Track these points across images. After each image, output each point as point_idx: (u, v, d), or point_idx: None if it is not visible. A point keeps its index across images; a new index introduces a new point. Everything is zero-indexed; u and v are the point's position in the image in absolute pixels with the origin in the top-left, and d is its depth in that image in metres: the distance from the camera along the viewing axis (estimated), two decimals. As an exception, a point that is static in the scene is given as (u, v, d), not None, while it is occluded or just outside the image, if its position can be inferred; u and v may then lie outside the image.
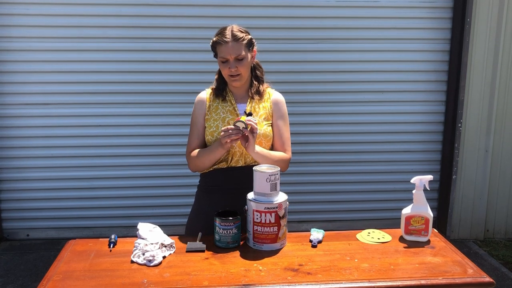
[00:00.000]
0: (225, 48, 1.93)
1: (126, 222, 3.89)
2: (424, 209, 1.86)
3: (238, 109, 2.04)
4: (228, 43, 1.93)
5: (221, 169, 2.03)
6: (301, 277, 1.57)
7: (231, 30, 1.96)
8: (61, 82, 3.72)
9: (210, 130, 2.01)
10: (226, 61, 1.96)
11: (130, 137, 3.84)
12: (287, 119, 2.12)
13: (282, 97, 2.14)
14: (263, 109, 2.06)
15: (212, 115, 2.04)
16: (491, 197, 4.04)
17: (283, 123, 2.09)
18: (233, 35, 1.94)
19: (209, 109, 2.05)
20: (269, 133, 2.04)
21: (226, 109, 2.03)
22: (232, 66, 1.95)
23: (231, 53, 1.93)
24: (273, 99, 2.11)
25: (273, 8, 3.75)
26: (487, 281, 1.57)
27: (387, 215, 4.05)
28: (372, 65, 3.90)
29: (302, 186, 4.00)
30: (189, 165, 2.09)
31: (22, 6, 3.58)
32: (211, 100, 2.07)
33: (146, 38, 3.70)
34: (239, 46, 1.94)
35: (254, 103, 2.05)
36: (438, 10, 3.86)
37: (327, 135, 3.97)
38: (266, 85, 2.14)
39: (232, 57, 1.94)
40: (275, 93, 2.14)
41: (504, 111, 3.90)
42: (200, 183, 2.14)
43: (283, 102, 2.12)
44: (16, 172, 3.81)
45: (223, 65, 1.97)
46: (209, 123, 2.03)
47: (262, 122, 2.03)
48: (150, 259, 1.66)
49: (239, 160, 2.01)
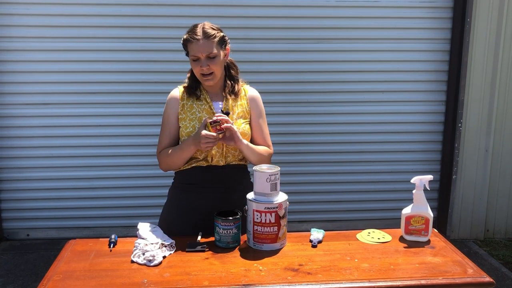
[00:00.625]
0: (196, 46, 1.88)
1: (126, 222, 3.89)
2: (424, 209, 1.86)
3: (214, 108, 1.99)
4: (199, 41, 1.88)
5: (201, 167, 1.99)
6: (301, 277, 1.57)
7: (202, 28, 1.91)
8: (61, 82, 3.71)
9: (186, 131, 1.96)
10: (197, 59, 1.91)
11: (130, 137, 3.84)
12: (265, 115, 2.11)
13: (257, 93, 2.11)
14: (240, 107, 2.03)
15: (187, 114, 1.99)
16: (491, 197, 4.04)
17: (262, 120, 2.08)
18: (204, 33, 1.89)
19: (183, 108, 2.00)
20: (247, 131, 2.01)
21: (202, 108, 1.98)
22: (204, 65, 1.90)
23: (202, 51, 1.88)
24: (249, 96, 2.07)
25: (273, 8, 3.75)
26: (487, 281, 1.57)
27: (387, 215, 4.05)
28: (372, 65, 3.90)
29: (302, 186, 4.00)
30: (160, 164, 2.05)
31: (22, 6, 3.58)
32: (184, 99, 2.01)
33: (146, 38, 3.70)
34: (210, 43, 1.89)
35: (230, 101, 2.01)
36: (438, 10, 3.86)
37: (327, 135, 3.97)
38: (241, 82, 2.10)
39: (204, 55, 1.89)
40: (250, 89, 2.11)
41: (504, 111, 3.90)
42: (175, 180, 2.09)
43: (259, 98, 2.10)
44: (16, 172, 3.81)
45: (195, 64, 1.92)
46: (184, 122, 1.98)
47: (239, 120, 2.00)
48: (150, 259, 1.66)
49: (219, 160, 1.99)
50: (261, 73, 3.80)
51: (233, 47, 3.72)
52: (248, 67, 3.81)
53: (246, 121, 2.03)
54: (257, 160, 2.00)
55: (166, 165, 2.02)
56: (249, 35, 3.76)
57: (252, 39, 3.77)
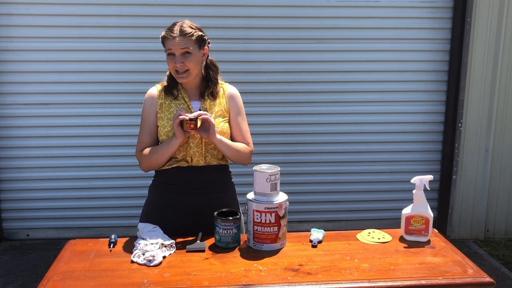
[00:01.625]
0: (172, 42, 1.88)
1: (126, 222, 3.89)
2: (424, 209, 1.86)
3: (192, 107, 1.99)
4: (175, 38, 1.88)
5: (181, 167, 1.98)
6: (301, 277, 1.57)
7: (180, 26, 1.91)
8: (61, 82, 3.71)
9: (164, 130, 1.96)
10: (172, 55, 1.90)
11: (130, 137, 3.83)
12: (244, 112, 2.10)
13: (236, 90, 2.10)
14: (218, 105, 2.02)
15: (165, 113, 1.98)
16: (491, 197, 4.04)
17: (241, 118, 2.07)
18: (181, 30, 1.89)
19: (161, 107, 1.99)
20: (226, 129, 2.00)
21: (180, 107, 1.97)
22: (178, 61, 1.89)
23: (177, 47, 1.88)
24: (228, 94, 2.06)
25: (273, 8, 3.75)
26: (487, 281, 1.57)
27: (387, 215, 4.05)
28: (372, 65, 3.90)
29: (302, 186, 4.00)
30: (140, 164, 2.04)
31: (22, 6, 3.58)
32: (162, 98, 2.01)
33: (146, 38, 3.70)
34: (187, 41, 1.89)
35: (209, 101, 2.01)
36: (438, 10, 3.86)
37: (327, 135, 3.97)
38: (220, 81, 2.08)
39: (178, 52, 1.89)
40: (229, 87, 2.09)
41: (504, 111, 3.90)
42: (155, 179, 2.08)
43: (238, 96, 2.08)
44: (16, 172, 3.81)
45: (170, 59, 1.91)
46: (162, 122, 1.97)
47: (218, 119, 1.99)
48: (150, 259, 1.66)
49: (199, 160, 1.98)
50: (261, 73, 3.80)
51: (233, 47, 3.76)
52: (248, 67, 3.81)
53: (225, 120, 2.02)
54: (233, 156, 1.99)
55: (148, 164, 2.01)
56: (249, 35, 3.76)
57: (252, 39, 3.76)
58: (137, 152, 2.04)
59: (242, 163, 2.06)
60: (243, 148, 2.04)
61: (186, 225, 1.96)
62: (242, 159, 2.03)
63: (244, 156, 2.03)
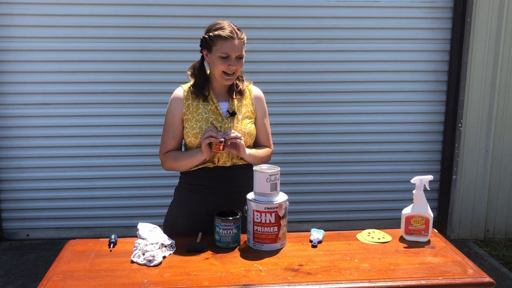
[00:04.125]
0: (231, 44, 1.87)
1: (126, 222, 3.89)
2: (424, 209, 1.86)
3: (220, 108, 1.97)
4: (234, 40, 1.87)
5: (207, 168, 1.97)
6: (301, 277, 1.57)
7: (235, 28, 1.91)
8: (61, 82, 3.71)
9: (193, 132, 1.94)
10: (226, 57, 1.89)
11: (130, 137, 3.84)
12: (267, 114, 2.13)
13: (261, 92, 2.12)
14: (245, 107, 2.02)
15: (193, 115, 1.95)
16: (491, 197, 4.04)
17: (266, 120, 2.10)
18: (237, 33, 1.89)
19: (188, 108, 1.97)
20: (253, 131, 2.02)
21: (208, 109, 1.96)
22: (233, 64, 1.89)
23: (236, 50, 1.88)
24: (254, 95, 2.07)
25: (273, 8, 3.75)
26: (487, 281, 1.57)
27: (387, 215, 4.05)
28: (372, 65, 3.90)
29: (302, 186, 4.00)
30: (163, 165, 2.04)
31: (22, 6, 3.58)
32: (189, 99, 1.98)
33: (146, 38, 3.70)
34: (242, 44, 1.91)
35: (236, 102, 2.00)
36: (438, 10, 3.86)
37: (327, 135, 3.97)
38: (245, 82, 2.09)
39: (236, 55, 1.89)
40: (254, 88, 2.11)
41: (504, 111, 3.90)
42: (181, 180, 2.08)
43: (263, 98, 2.11)
44: (16, 172, 3.81)
45: (222, 61, 1.89)
46: (190, 123, 1.95)
47: (246, 120, 2.00)
48: (150, 259, 1.66)
49: (226, 161, 1.98)
50: (261, 73, 3.80)
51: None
52: (248, 67, 3.76)
53: (251, 121, 2.03)
54: (257, 163, 2.02)
55: (171, 167, 2.01)
56: (249, 35, 3.69)
57: (252, 39, 3.72)
58: (161, 154, 2.03)
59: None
60: (266, 152, 2.08)
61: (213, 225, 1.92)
62: (264, 162, 2.07)
63: (266, 160, 2.09)
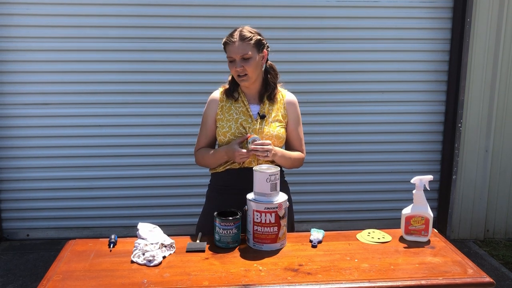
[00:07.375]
0: (232, 47, 1.97)
1: (126, 222, 3.89)
2: (424, 209, 1.86)
3: (251, 110, 2.06)
4: (234, 43, 1.97)
5: (233, 169, 2.05)
6: (301, 277, 1.57)
7: (240, 31, 1.99)
8: (61, 82, 3.71)
9: (223, 130, 2.04)
10: (233, 61, 1.99)
11: (130, 137, 3.84)
12: (301, 120, 2.19)
13: (295, 98, 2.18)
14: (276, 110, 2.09)
15: (225, 115, 2.06)
16: (491, 197, 4.04)
17: (299, 126, 2.17)
18: (240, 35, 1.97)
19: (222, 109, 2.08)
20: (282, 134, 2.07)
21: (239, 110, 2.05)
22: (238, 66, 1.98)
23: (237, 52, 1.97)
24: (287, 100, 2.14)
25: (273, 8, 3.75)
26: (487, 281, 1.57)
27: (387, 215, 4.05)
28: (372, 65, 3.90)
29: (302, 186, 4.00)
30: (196, 161, 2.16)
31: (22, 6, 3.58)
32: (223, 100, 2.09)
33: (146, 38, 3.70)
34: (246, 46, 1.97)
35: (267, 105, 2.08)
36: (438, 10, 3.86)
37: (327, 135, 3.97)
38: (279, 87, 2.16)
39: (238, 57, 1.97)
40: (288, 94, 2.17)
41: (504, 111, 3.90)
42: (211, 183, 2.16)
43: (297, 104, 2.17)
44: (16, 172, 3.81)
45: (231, 65, 2.02)
46: (221, 123, 2.05)
47: (275, 123, 2.05)
48: (150, 259, 1.66)
49: (252, 161, 2.03)
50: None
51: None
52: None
53: (281, 125, 2.08)
54: (289, 165, 2.08)
55: (201, 164, 2.14)
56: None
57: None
58: (195, 150, 2.17)
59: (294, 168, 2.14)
60: (298, 156, 2.12)
61: None
62: (295, 166, 2.11)
63: (298, 163, 2.12)
